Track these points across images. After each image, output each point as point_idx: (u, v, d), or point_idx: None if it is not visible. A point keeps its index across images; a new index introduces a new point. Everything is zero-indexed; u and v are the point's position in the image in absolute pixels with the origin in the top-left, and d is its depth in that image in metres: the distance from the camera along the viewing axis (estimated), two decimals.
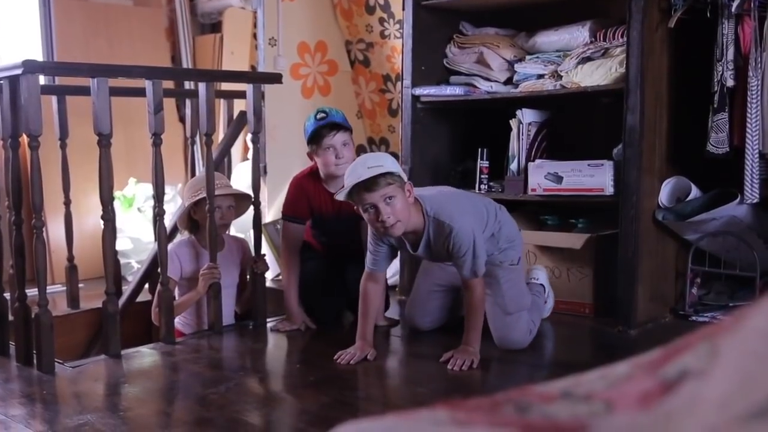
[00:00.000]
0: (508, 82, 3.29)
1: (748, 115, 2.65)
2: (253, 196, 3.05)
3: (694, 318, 2.92)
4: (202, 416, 1.99)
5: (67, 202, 3.52)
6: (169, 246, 2.91)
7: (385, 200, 2.23)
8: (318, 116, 2.78)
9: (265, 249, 3.82)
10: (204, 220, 2.88)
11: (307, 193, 2.90)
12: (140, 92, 2.73)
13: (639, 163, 2.73)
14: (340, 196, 2.31)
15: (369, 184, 2.22)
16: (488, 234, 2.51)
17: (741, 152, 2.67)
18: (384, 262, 2.55)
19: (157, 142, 2.66)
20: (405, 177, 2.35)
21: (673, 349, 0.47)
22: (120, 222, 4.13)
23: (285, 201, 2.97)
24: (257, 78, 3.22)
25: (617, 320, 2.79)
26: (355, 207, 2.34)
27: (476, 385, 2.18)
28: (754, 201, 2.67)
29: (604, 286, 2.96)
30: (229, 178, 4.06)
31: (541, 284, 2.89)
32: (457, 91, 3.29)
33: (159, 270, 2.82)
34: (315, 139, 2.76)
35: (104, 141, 2.54)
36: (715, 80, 2.72)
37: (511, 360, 2.50)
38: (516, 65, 3.25)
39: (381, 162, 2.27)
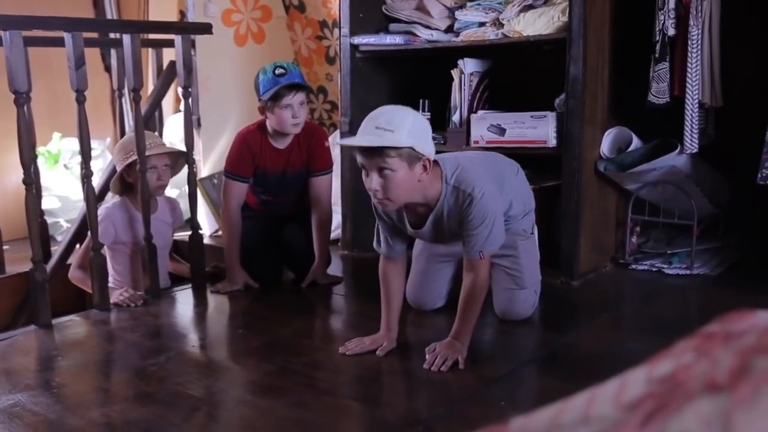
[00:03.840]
0: (449, 30, 3.20)
1: (689, 64, 2.64)
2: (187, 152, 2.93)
3: (633, 266, 2.96)
4: (142, 390, 1.91)
5: None
6: (103, 209, 2.77)
7: (379, 171, 1.89)
8: (277, 72, 2.67)
9: (202, 204, 3.71)
10: (138, 181, 2.75)
11: (253, 150, 2.80)
12: (61, 42, 2.54)
13: (581, 114, 2.70)
14: (342, 142, 2.10)
15: (368, 148, 1.88)
16: (506, 203, 2.23)
17: (681, 102, 2.68)
18: (398, 246, 2.18)
19: (80, 99, 2.50)
20: (424, 149, 1.91)
21: (664, 393, 0.42)
22: (46, 180, 3.94)
23: (228, 158, 2.86)
24: (186, 28, 3.04)
25: (560, 271, 2.80)
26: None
27: (420, 347, 2.15)
28: (694, 151, 2.69)
29: (546, 238, 2.95)
30: (160, 131, 3.91)
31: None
32: (397, 40, 3.19)
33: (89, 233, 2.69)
34: (273, 96, 2.65)
35: (21, 99, 2.37)
36: (657, 29, 2.70)
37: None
38: (456, 12, 3.16)
39: (395, 126, 1.85)
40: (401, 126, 1.86)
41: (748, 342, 0.42)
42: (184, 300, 2.80)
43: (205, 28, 2.89)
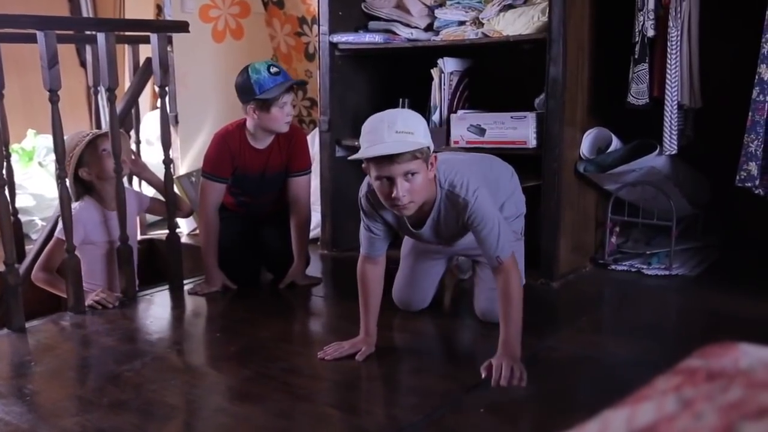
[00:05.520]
0: (429, 28, 3.18)
1: (668, 65, 2.64)
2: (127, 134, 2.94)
3: (613, 267, 2.97)
4: (116, 398, 1.88)
5: None
6: (72, 210, 2.71)
7: (406, 176, 1.85)
8: (272, 70, 2.65)
9: None
10: (101, 171, 2.69)
11: (232, 151, 2.77)
12: (35, 38, 2.47)
13: (561, 115, 2.70)
14: (355, 157, 1.89)
15: (393, 155, 1.82)
16: (499, 204, 2.21)
17: (661, 103, 2.68)
18: (382, 244, 2.15)
19: (54, 99, 2.44)
20: (432, 146, 1.92)
21: None
22: (20, 178, 3.86)
23: (206, 158, 2.82)
24: (162, 27, 2.99)
25: (540, 272, 2.80)
26: (363, 165, 1.94)
27: (399, 351, 2.14)
28: (673, 152, 2.69)
29: (526, 239, 2.94)
30: (137, 129, 3.85)
31: None
32: (377, 38, 3.16)
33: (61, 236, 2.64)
34: (270, 95, 2.63)
35: None
36: (637, 30, 2.70)
37: (440, 314, 2.47)
38: (436, 11, 3.15)
39: (412, 128, 1.84)
40: (417, 127, 1.86)
41: (733, 399, 0.41)
42: (160, 302, 2.77)
43: (182, 27, 2.84)
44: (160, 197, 2.99)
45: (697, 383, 0.55)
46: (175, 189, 3.18)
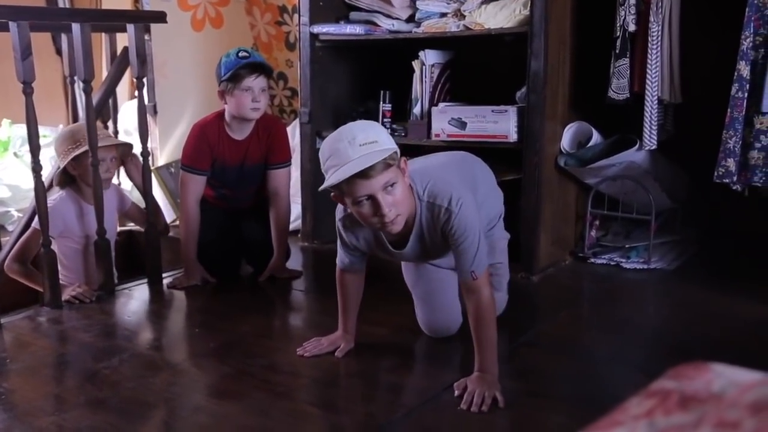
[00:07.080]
0: (410, 19, 3.16)
1: (649, 61, 2.64)
2: (133, 144, 2.90)
3: (592, 260, 2.98)
4: (94, 397, 1.86)
5: None
6: (50, 202, 2.68)
7: (386, 189, 1.72)
8: (240, 54, 2.63)
9: (158, 194, 3.63)
10: (86, 174, 2.67)
11: (210, 143, 2.74)
12: (7, 26, 2.42)
13: (542, 109, 2.70)
14: (324, 186, 1.74)
15: (365, 170, 1.67)
16: (480, 204, 2.01)
17: (641, 98, 2.68)
18: (360, 261, 2.06)
19: (27, 91, 2.40)
20: (398, 150, 1.76)
21: None
22: None
23: (185, 151, 2.79)
24: (139, 17, 2.94)
25: (519, 266, 2.80)
26: (332, 194, 1.81)
27: (378, 347, 2.14)
28: (653, 147, 2.70)
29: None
30: (114, 119, 3.81)
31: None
32: (358, 30, 3.13)
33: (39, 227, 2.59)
34: (234, 77, 2.60)
35: None
36: (618, 25, 2.70)
37: None
38: (418, 2, 3.13)
39: (374, 136, 1.70)
40: (378, 135, 1.73)
41: None
42: (139, 296, 2.74)
43: (160, 17, 2.80)
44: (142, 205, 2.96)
45: (669, 409, 0.55)
46: (154, 180, 3.16)
